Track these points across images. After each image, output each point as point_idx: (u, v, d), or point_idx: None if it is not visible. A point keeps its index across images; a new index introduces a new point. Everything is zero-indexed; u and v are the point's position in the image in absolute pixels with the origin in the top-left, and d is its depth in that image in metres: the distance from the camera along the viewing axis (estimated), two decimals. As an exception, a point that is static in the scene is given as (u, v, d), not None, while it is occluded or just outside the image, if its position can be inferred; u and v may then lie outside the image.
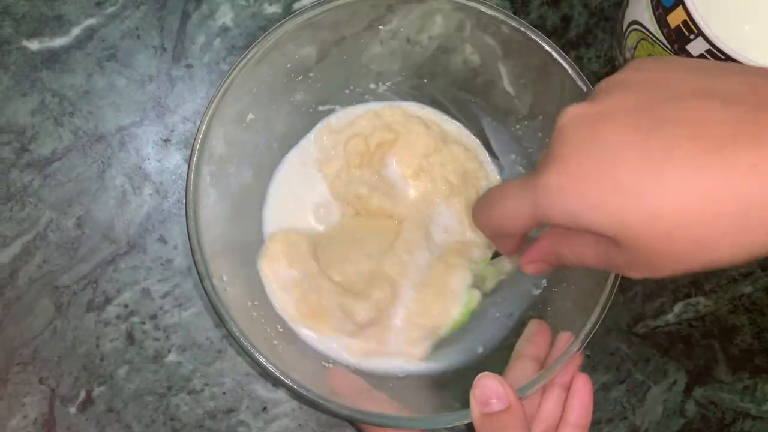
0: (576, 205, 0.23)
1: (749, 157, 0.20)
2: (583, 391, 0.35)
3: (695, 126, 0.21)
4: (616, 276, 0.33)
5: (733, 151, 0.20)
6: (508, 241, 0.32)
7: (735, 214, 0.20)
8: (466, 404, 0.30)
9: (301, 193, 0.42)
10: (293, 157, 0.42)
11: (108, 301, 0.43)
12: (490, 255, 0.40)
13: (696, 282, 0.46)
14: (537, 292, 0.40)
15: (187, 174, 0.34)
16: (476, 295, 0.38)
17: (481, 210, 0.31)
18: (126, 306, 0.43)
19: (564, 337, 0.35)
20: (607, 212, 0.22)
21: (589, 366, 0.45)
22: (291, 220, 0.41)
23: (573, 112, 0.24)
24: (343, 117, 0.43)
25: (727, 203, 0.20)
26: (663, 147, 0.21)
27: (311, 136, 0.43)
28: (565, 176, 0.23)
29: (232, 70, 0.35)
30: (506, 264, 0.39)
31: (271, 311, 0.38)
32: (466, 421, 0.31)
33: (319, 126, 0.43)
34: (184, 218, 0.33)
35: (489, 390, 0.29)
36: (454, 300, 0.38)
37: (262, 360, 0.32)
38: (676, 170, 0.20)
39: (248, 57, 0.35)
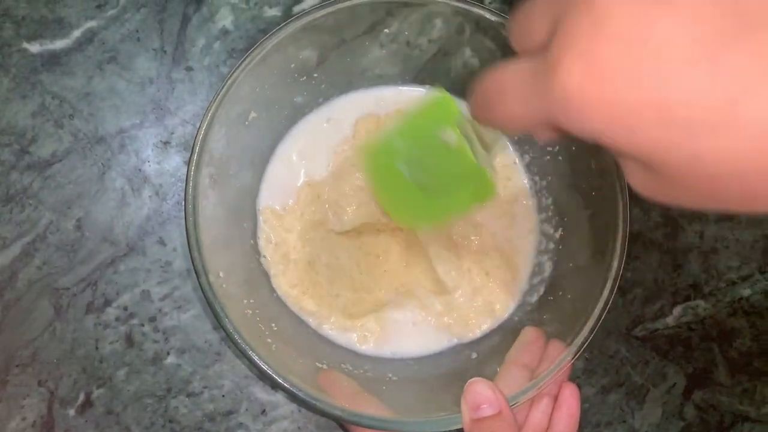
0: (606, 126, 0.16)
1: None
2: (570, 400, 0.35)
3: None
4: (613, 287, 0.33)
5: None
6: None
7: None
8: (457, 409, 0.30)
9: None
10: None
11: (107, 303, 0.43)
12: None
13: (695, 285, 0.46)
14: (533, 299, 0.40)
15: (188, 168, 0.34)
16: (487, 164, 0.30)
17: (478, 107, 0.23)
18: (125, 308, 0.43)
19: (556, 347, 0.34)
20: (648, 144, 0.16)
21: (588, 369, 0.45)
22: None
23: None
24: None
25: None
26: (748, 72, 0.14)
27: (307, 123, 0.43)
28: (596, 82, 0.16)
29: (232, 73, 0.35)
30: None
31: (266, 309, 0.38)
32: (457, 426, 0.31)
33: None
34: (184, 220, 0.33)
35: (480, 395, 0.29)
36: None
37: (255, 357, 0.32)
38: (756, 106, 0.14)
39: (248, 60, 0.35)
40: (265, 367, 0.32)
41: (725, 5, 0.15)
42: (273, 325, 0.37)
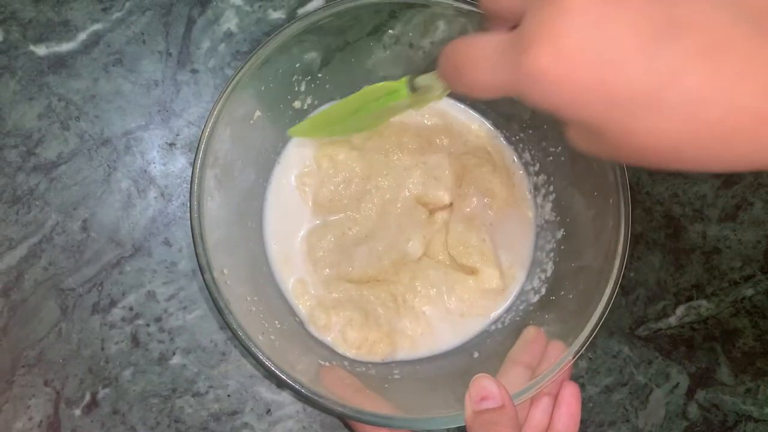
0: (562, 102, 0.20)
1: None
2: (570, 400, 0.35)
3: (714, 46, 0.18)
4: (614, 288, 0.34)
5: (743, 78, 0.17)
6: None
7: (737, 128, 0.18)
8: (459, 407, 0.31)
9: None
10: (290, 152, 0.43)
11: (113, 303, 0.43)
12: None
13: (698, 285, 0.46)
14: (535, 299, 0.40)
15: (193, 166, 0.34)
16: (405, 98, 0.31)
17: (448, 71, 0.25)
18: (131, 309, 0.43)
19: (557, 347, 0.35)
20: (595, 118, 0.20)
21: (591, 369, 0.45)
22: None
23: None
24: None
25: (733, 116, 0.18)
26: (671, 65, 0.18)
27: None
28: (560, 65, 0.19)
29: (236, 74, 0.35)
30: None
31: (270, 307, 0.38)
32: (460, 424, 0.31)
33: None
34: (189, 221, 0.34)
35: (484, 389, 0.30)
36: None
37: (258, 353, 0.32)
38: (681, 93, 0.18)
39: (252, 60, 0.36)
40: (268, 363, 0.32)
41: (663, 13, 0.18)
42: (276, 322, 0.37)
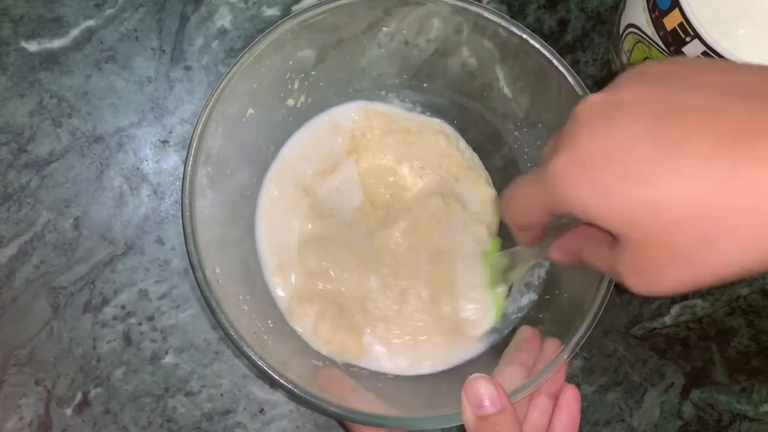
0: (584, 193, 0.22)
1: (764, 150, 0.19)
2: (571, 404, 0.35)
3: (712, 117, 0.20)
4: (608, 286, 0.33)
5: (747, 144, 0.19)
6: (528, 233, 0.31)
7: (746, 211, 0.19)
8: (454, 407, 0.30)
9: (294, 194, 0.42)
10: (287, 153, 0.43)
11: (105, 302, 0.43)
12: (489, 241, 0.41)
13: (693, 284, 0.46)
14: (530, 298, 0.40)
15: (185, 161, 0.34)
16: (501, 292, 0.39)
17: (502, 204, 0.30)
18: (123, 307, 0.43)
19: (552, 345, 0.35)
20: (612, 201, 0.22)
21: (586, 368, 0.45)
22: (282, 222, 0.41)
23: (592, 100, 0.23)
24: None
25: (738, 197, 0.19)
26: (676, 137, 0.20)
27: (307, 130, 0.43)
28: (574, 164, 0.22)
29: (229, 71, 0.35)
30: (526, 253, 0.36)
31: (263, 306, 0.38)
32: (455, 423, 0.31)
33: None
34: (181, 218, 0.33)
35: (481, 391, 0.29)
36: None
37: (251, 353, 0.32)
38: (687, 159, 0.20)
39: (245, 57, 0.35)
40: (261, 363, 0.32)
41: (649, 136, 0.21)
42: (269, 321, 0.37)
